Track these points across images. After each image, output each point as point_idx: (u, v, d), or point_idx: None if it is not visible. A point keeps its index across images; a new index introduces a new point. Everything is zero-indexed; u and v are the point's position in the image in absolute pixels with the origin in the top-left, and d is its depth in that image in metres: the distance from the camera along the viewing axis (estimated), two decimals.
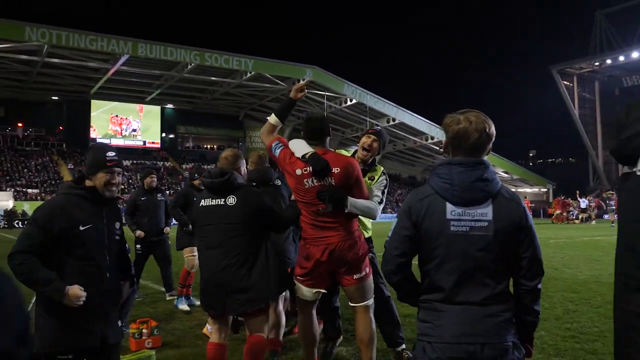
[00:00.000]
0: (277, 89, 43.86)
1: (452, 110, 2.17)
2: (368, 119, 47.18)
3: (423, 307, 2.12)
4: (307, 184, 3.30)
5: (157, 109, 50.58)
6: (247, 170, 4.02)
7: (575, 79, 58.60)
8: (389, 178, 4.13)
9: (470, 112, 2.12)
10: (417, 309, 2.19)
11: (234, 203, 3.44)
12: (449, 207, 2.03)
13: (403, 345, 4.27)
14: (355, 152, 4.11)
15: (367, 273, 3.49)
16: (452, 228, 2.02)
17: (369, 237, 4.12)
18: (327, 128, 3.47)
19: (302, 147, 3.38)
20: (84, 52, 34.68)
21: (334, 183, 3.25)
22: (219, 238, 3.43)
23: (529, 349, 2.17)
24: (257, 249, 3.44)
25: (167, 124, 51.91)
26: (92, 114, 47.28)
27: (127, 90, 45.72)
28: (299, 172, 3.32)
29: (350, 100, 45.73)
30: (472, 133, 2.05)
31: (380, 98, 46.57)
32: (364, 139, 4.00)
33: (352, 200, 3.28)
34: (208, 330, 5.30)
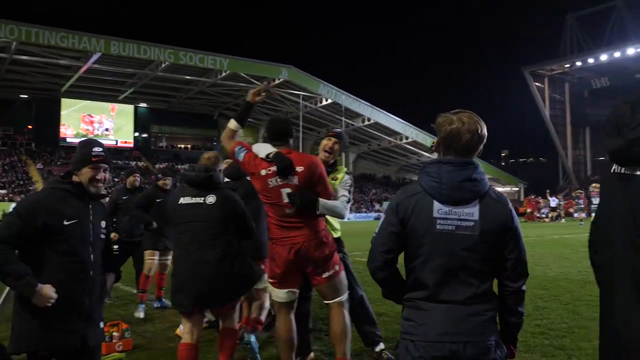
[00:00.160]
0: (252, 88, 43.43)
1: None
2: (343, 119, 47.35)
3: (407, 305, 2.12)
4: (271, 184, 3.34)
5: (130, 108, 49.85)
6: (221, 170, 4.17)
7: (547, 80, 59.74)
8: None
9: (463, 112, 2.12)
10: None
11: (214, 202, 3.61)
12: (436, 205, 2.03)
13: (381, 345, 4.26)
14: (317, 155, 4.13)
15: (337, 271, 3.53)
16: (438, 226, 2.02)
17: (338, 237, 4.12)
18: (290, 129, 3.60)
19: (265, 148, 3.45)
20: (55, 49, 33.99)
21: (298, 182, 3.31)
22: (197, 235, 3.57)
23: (512, 350, 2.18)
24: (232, 247, 3.63)
25: (140, 123, 51.21)
26: (62, 113, 46.38)
27: (99, 89, 44.97)
28: (264, 172, 3.36)
29: (326, 100, 45.85)
30: (464, 134, 2.06)
31: (356, 98, 46.80)
32: (325, 142, 4.08)
33: (322, 202, 3.35)
34: (182, 331, 5.26)
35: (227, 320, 3.85)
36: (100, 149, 2.83)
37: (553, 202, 33.45)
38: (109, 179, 2.92)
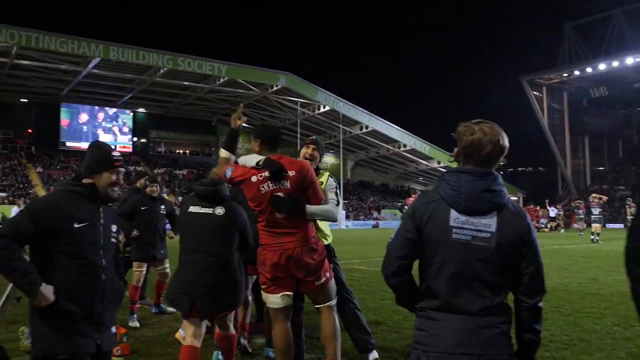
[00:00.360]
0: (250, 95, 43.73)
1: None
2: (341, 126, 47.39)
3: (419, 315, 2.10)
4: (263, 189, 3.39)
5: (128, 113, 49.91)
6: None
7: (545, 90, 60.04)
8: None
9: (485, 123, 2.10)
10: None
11: (222, 214, 3.86)
12: (453, 214, 2.02)
13: (375, 354, 4.26)
14: None
15: (327, 278, 3.60)
16: (454, 235, 2.00)
17: (329, 244, 4.13)
18: (280, 137, 3.75)
19: (253, 158, 3.53)
20: (54, 54, 34.00)
21: (290, 186, 3.39)
22: (205, 243, 3.78)
23: None
24: (234, 256, 3.88)
25: (138, 129, 51.25)
26: (62, 117, 46.40)
27: (98, 94, 44.97)
28: (254, 178, 3.41)
29: (324, 107, 45.87)
30: (486, 145, 2.05)
31: (354, 105, 46.85)
32: (305, 150, 4.17)
33: (312, 207, 3.45)
34: (181, 336, 5.24)
35: (222, 326, 3.96)
36: (118, 153, 2.84)
37: (552, 212, 33.45)
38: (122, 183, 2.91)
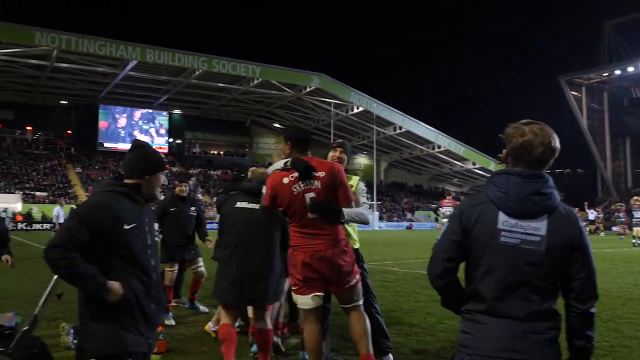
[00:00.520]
0: (284, 96, 44.01)
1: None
2: (375, 127, 47.22)
3: (465, 317, 2.07)
4: (295, 190, 3.40)
5: (164, 114, 50.91)
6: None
7: (584, 89, 58.50)
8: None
9: (535, 124, 2.05)
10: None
11: None
12: (502, 216, 1.97)
13: (390, 357, 4.30)
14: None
15: (357, 280, 3.61)
16: (502, 238, 1.96)
17: (357, 248, 4.13)
18: (310, 139, 3.77)
19: (280, 162, 3.57)
20: (93, 57, 35.00)
21: (321, 186, 3.41)
22: (250, 237, 4.00)
23: None
24: (277, 250, 4.09)
25: (174, 130, 52.19)
26: (99, 119, 47.61)
27: (135, 95, 46.03)
28: (286, 180, 3.44)
29: (357, 108, 45.81)
30: (537, 146, 2.00)
31: (387, 106, 46.64)
32: (332, 153, 4.21)
33: (347, 210, 3.44)
34: (211, 329, 5.36)
35: (260, 319, 4.08)
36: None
37: (591, 214, 32.53)
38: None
